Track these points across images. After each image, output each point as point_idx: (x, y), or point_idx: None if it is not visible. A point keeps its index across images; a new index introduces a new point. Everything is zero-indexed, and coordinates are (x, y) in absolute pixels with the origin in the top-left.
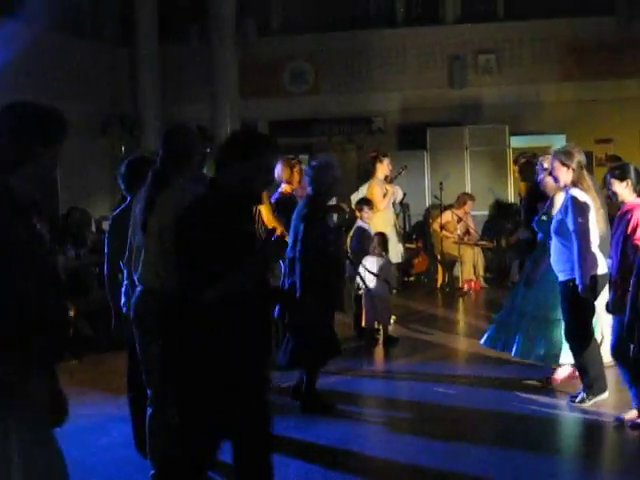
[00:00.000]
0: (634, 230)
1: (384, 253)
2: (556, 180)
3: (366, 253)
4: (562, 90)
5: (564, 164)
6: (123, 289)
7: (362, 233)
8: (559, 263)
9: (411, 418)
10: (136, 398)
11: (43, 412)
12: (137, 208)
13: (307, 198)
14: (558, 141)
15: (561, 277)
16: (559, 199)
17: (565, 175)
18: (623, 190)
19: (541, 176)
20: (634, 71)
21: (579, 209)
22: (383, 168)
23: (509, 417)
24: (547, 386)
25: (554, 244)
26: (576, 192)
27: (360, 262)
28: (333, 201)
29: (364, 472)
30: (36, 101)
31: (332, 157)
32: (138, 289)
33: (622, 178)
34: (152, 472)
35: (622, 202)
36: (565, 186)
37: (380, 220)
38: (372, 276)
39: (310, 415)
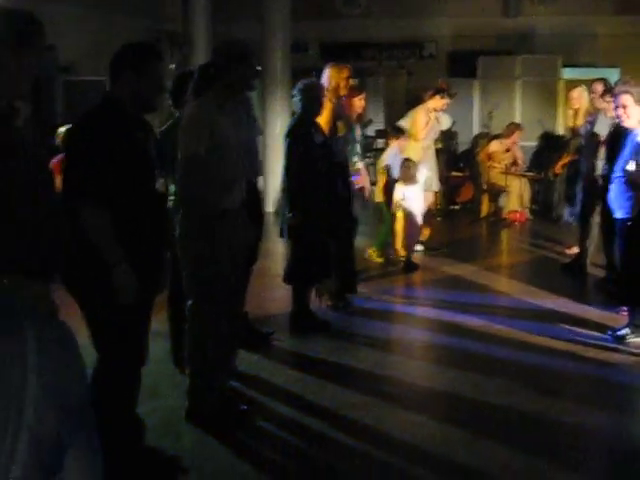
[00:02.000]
0: None
1: (414, 180)
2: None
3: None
4: (616, 23)
5: (637, 102)
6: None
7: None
8: (620, 200)
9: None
10: (175, 314)
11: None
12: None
13: (295, 116)
14: (612, 74)
15: (619, 214)
16: None
17: (638, 113)
18: None
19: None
20: None
21: None
22: (439, 103)
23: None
24: None
25: (618, 181)
26: None
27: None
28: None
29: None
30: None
31: (316, 80)
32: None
33: None
34: (188, 387)
35: None
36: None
37: (417, 149)
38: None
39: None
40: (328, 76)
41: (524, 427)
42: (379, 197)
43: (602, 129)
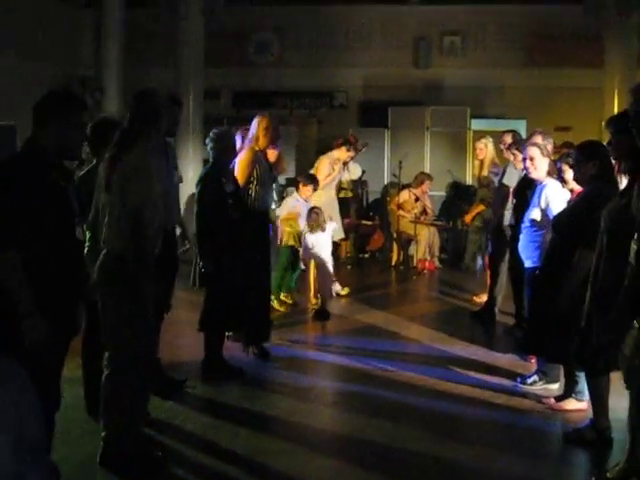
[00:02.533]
0: None
1: (322, 227)
2: (565, 182)
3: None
4: (524, 76)
5: (544, 155)
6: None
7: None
8: (529, 250)
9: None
10: (89, 361)
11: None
12: (101, 168)
13: (207, 164)
14: (518, 126)
15: (528, 264)
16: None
17: (545, 165)
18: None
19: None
20: (597, 61)
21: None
22: (344, 154)
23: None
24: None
25: (527, 231)
26: (554, 183)
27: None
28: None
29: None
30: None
31: (228, 128)
32: (103, 252)
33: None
34: (103, 434)
35: (571, 190)
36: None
37: (322, 197)
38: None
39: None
40: (253, 125)
41: (437, 472)
42: (290, 241)
43: (512, 180)
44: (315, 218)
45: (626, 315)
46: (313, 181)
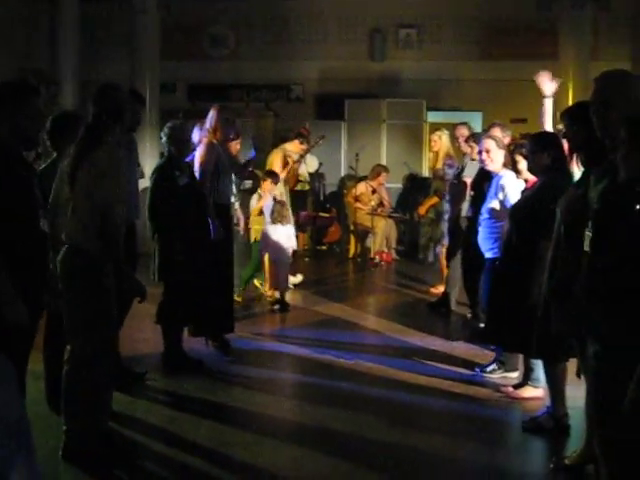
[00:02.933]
0: None
1: (285, 220)
2: (519, 173)
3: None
4: (480, 68)
5: (500, 147)
6: None
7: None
8: (488, 241)
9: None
10: (52, 355)
11: None
12: (64, 164)
13: (163, 157)
14: (474, 118)
15: (489, 255)
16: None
17: (501, 157)
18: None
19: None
20: (552, 53)
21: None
22: (297, 147)
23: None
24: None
25: (485, 223)
26: (510, 174)
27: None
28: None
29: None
30: None
31: (183, 122)
32: (65, 247)
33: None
34: (64, 428)
35: (525, 180)
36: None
37: (280, 189)
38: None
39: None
40: (209, 117)
41: (397, 461)
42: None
43: (472, 172)
44: (279, 210)
45: (582, 304)
46: (273, 175)
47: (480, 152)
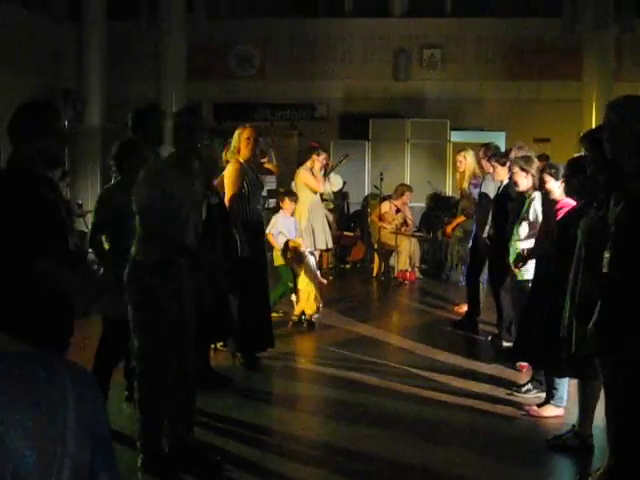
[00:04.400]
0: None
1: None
2: (516, 185)
3: None
4: (503, 88)
5: (523, 169)
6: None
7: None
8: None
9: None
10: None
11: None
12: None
13: None
14: (498, 138)
15: (523, 276)
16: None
17: (525, 180)
18: (557, 188)
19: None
20: (574, 73)
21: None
22: (317, 160)
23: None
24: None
25: (517, 244)
26: (539, 196)
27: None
28: (273, 186)
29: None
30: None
31: (216, 142)
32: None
33: (557, 177)
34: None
35: (554, 200)
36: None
37: (308, 205)
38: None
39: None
40: (233, 138)
41: (423, 478)
42: (279, 261)
43: (488, 191)
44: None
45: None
46: (293, 195)
47: (512, 174)
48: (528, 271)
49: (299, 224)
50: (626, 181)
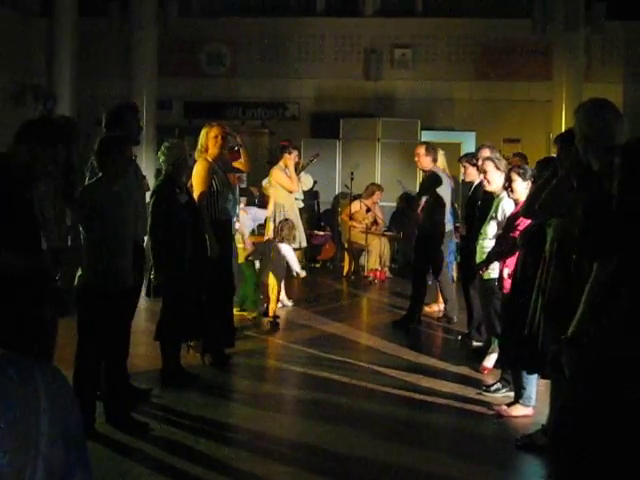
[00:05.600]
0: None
1: (290, 239)
2: (489, 183)
3: None
4: (474, 89)
5: (498, 168)
6: None
7: None
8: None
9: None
10: None
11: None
12: None
13: (161, 176)
14: (468, 138)
15: (490, 275)
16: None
17: (500, 179)
18: (523, 189)
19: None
20: (545, 73)
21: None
22: (289, 158)
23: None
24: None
25: (485, 243)
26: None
27: None
28: (244, 184)
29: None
30: None
31: (188, 140)
32: None
33: (525, 178)
34: None
35: (517, 200)
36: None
37: (287, 205)
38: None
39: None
40: (200, 136)
41: (393, 477)
42: (242, 259)
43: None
44: (288, 230)
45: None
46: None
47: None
48: (494, 270)
49: (268, 220)
50: (594, 180)
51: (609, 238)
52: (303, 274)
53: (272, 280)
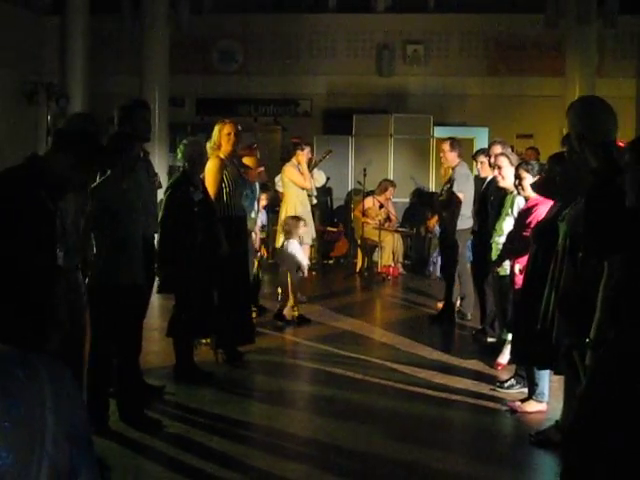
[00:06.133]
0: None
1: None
2: (503, 179)
3: None
4: (486, 84)
5: (512, 164)
6: None
7: None
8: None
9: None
10: None
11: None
12: None
13: (178, 172)
14: (481, 134)
15: (505, 272)
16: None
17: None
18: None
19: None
20: (557, 69)
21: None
22: (302, 155)
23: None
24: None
25: (499, 239)
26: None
27: None
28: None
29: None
30: None
31: (200, 137)
32: None
33: (533, 174)
34: None
35: (527, 197)
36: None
37: (297, 201)
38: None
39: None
40: (213, 133)
41: (406, 474)
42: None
43: (465, 187)
44: (296, 227)
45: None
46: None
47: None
48: (509, 266)
49: (280, 219)
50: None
51: (614, 236)
52: (304, 274)
53: (289, 278)
